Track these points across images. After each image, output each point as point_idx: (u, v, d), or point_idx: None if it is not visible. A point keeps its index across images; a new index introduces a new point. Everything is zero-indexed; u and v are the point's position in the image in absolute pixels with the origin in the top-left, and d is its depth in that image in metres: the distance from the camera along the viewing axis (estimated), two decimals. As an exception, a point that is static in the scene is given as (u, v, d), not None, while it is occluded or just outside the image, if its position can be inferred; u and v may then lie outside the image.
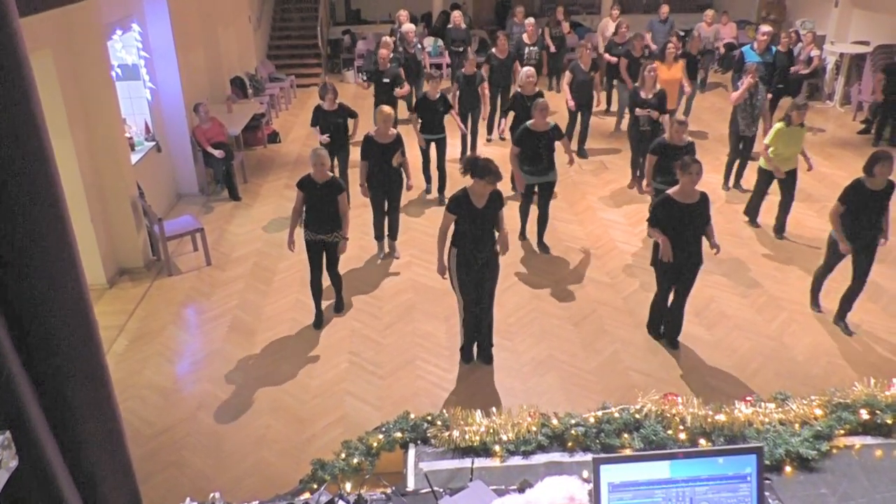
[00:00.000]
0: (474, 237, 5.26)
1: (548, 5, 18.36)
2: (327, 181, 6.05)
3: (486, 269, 5.42)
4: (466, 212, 5.20)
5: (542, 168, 7.13)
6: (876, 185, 5.64)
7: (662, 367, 5.69)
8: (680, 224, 5.37)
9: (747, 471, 1.90)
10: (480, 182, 5.10)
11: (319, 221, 6.12)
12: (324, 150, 6.16)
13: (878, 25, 12.55)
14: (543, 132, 7.01)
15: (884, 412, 2.93)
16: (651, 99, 8.45)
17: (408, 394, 5.50)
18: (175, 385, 5.72)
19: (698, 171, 5.29)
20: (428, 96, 8.50)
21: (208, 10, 10.54)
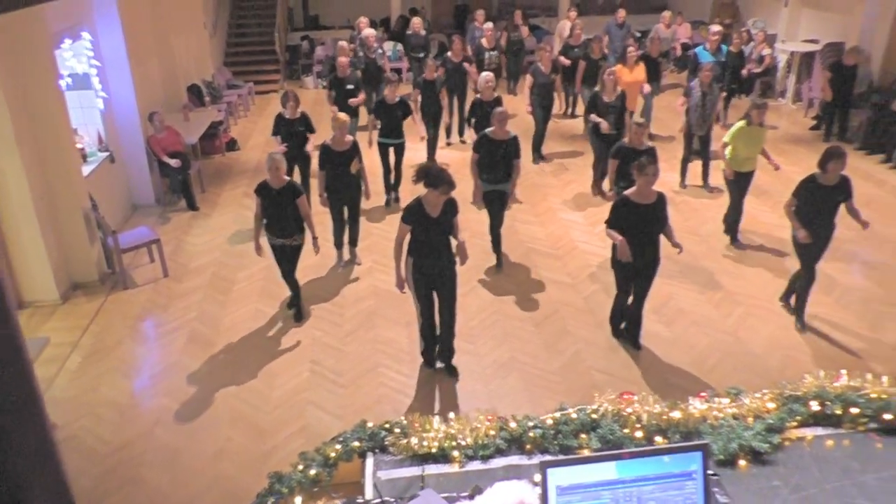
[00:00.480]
0: (430, 246, 5.20)
1: (506, 8, 18.49)
2: (284, 186, 6.04)
3: (442, 278, 5.35)
4: (421, 221, 5.13)
5: (498, 177, 6.98)
6: (829, 181, 5.69)
7: (623, 366, 5.74)
8: (637, 225, 5.36)
9: (693, 468, 1.92)
10: (434, 192, 5.03)
11: (279, 226, 6.15)
12: (279, 154, 6.14)
13: (826, 24, 12.87)
14: (502, 141, 6.87)
15: (833, 403, 2.98)
16: (614, 102, 8.44)
17: (370, 401, 5.46)
18: (131, 401, 5.59)
19: (654, 172, 5.30)
20: (386, 100, 8.40)
21: (162, 18, 10.36)
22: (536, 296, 6.84)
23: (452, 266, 5.39)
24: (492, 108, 8.17)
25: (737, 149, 7.24)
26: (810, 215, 5.79)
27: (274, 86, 14.86)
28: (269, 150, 9.92)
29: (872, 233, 7.87)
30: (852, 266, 7.21)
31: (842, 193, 5.76)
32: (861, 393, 2.99)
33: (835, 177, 5.69)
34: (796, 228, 5.82)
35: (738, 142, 7.21)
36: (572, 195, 9.18)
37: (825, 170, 5.67)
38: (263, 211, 6.14)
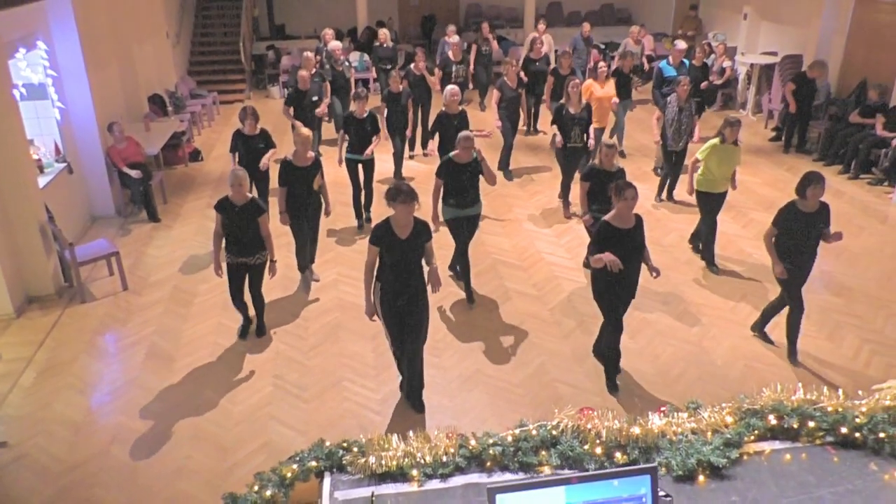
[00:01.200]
0: (398, 270, 4.93)
1: (473, 19, 18.58)
2: (246, 203, 5.91)
3: (412, 305, 5.04)
4: (389, 243, 4.89)
5: (468, 200, 6.65)
6: (809, 208, 5.45)
7: (588, 378, 5.75)
8: (620, 249, 5.04)
9: (642, 492, 1.91)
10: (396, 206, 4.82)
11: (241, 244, 6.00)
12: (242, 170, 5.99)
13: (784, 37, 13.16)
14: (467, 164, 6.56)
15: (790, 416, 3.00)
16: (579, 114, 8.34)
17: (334, 416, 5.39)
18: (87, 418, 5.44)
19: (633, 195, 5.08)
20: (355, 115, 8.17)
21: (122, 26, 10.19)
22: (502, 307, 6.84)
23: (423, 294, 5.10)
24: (457, 122, 8.17)
25: (709, 167, 7.02)
26: (792, 245, 5.54)
27: (239, 95, 14.72)
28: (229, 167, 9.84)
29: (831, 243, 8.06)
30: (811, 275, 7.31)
31: (823, 220, 5.52)
32: (817, 406, 3.02)
33: (815, 203, 5.46)
34: (774, 263, 5.57)
35: (710, 160, 6.99)
36: (538, 207, 9.21)
37: (804, 196, 5.43)
38: (224, 228, 5.96)
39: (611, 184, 5.38)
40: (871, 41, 11.21)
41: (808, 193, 5.41)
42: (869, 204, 9.18)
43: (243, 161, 7.70)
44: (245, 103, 14.34)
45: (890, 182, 9.54)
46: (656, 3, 18.08)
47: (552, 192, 9.46)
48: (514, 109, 9.74)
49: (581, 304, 6.85)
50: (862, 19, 11.39)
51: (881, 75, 10.79)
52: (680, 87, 8.49)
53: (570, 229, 8.47)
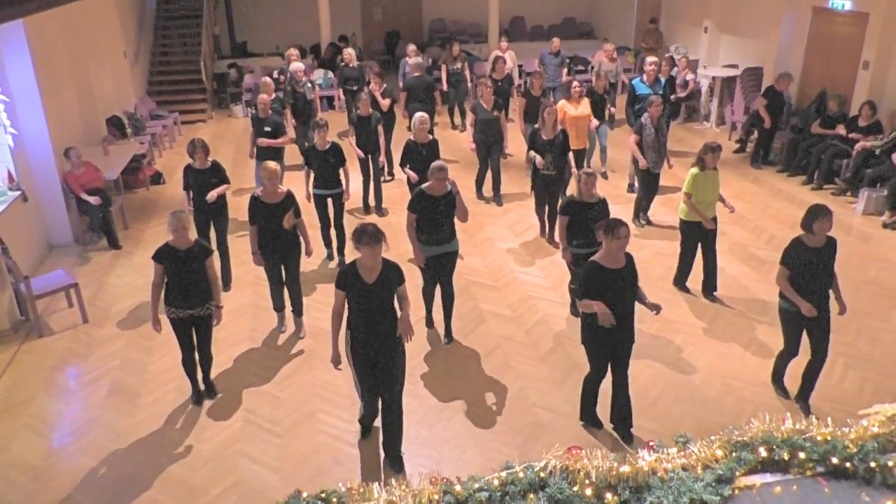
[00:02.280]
0: (366, 317, 4.61)
1: (436, 35, 18.59)
2: (190, 247, 5.40)
3: (384, 353, 4.72)
4: (355, 288, 4.58)
5: (442, 237, 6.18)
6: (816, 243, 5.10)
7: (567, 402, 5.65)
8: (610, 291, 4.74)
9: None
10: (361, 248, 4.51)
11: (186, 294, 5.39)
12: (183, 212, 5.45)
13: (744, 49, 13.38)
14: (441, 196, 6.10)
15: (780, 448, 2.95)
16: (552, 139, 7.96)
17: (308, 451, 5.21)
18: (46, 462, 5.19)
19: (627, 234, 4.75)
20: (317, 147, 7.65)
21: (77, 47, 9.92)
22: (477, 330, 6.73)
23: (396, 340, 4.74)
24: (426, 151, 7.85)
25: (699, 196, 6.78)
26: (803, 286, 5.13)
27: (201, 115, 14.46)
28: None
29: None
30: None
31: (831, 256, 5.16)
32: (807, 436, 2.97)
33: (822, 238, 5.09)
34: (800, 303, 5.06)
35: (696, 189, 6.76)
36: (510, 224, 9.14)
37: (811, 230, 5.06)
38: (166, 279, 5.40)
39: (591, 217, 5.13)
40: (829, 52, 11.44)
41: (815, 227, 5.03)
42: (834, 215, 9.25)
43: (197, 198, 7.24)
44: (206, 123, 14.19)
45: (852, 192, 9.68)
46: (617, 16, 18.32)
47: (525, 210, 9.40)
48: (490, 131, 9.36)
49: (557, 324, 6.78)
50: (819, 31, 11.62)
51: (839, 85, 11.00)
52: (652, 108, 8.30)
53: (544, 247, 8.40)
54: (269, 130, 8.96)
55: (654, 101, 8.33)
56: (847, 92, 10.84)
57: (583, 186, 6.23)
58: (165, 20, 15.65)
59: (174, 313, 5.45)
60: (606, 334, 4.81)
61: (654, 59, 10.53)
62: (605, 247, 4.81)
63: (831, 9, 11.10)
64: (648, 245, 8.37)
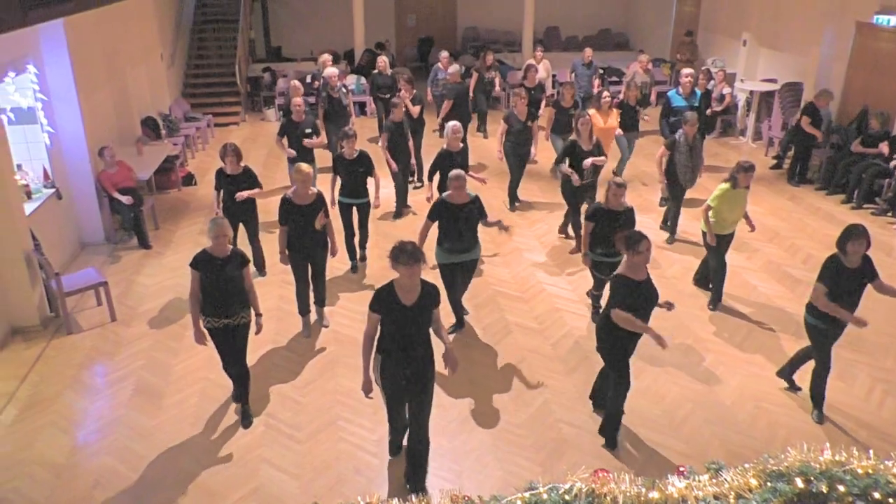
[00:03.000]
0: (403, 342, 4.38)
1: (470, 43, 18.57)
2: (228, 255, 5.24)
3: (417, 379, 4.50)
4: (392, 310, 4.33)
5: (464, 246, 6.19)
6: (852, 264, 5.10)
7: (592, 418, 5.53)
8: (636, 303, 4.74)
9: None
10: (399, 269, 4.26)
11: (224, 304, 5.24)
12: (224, 218, 5.40)
13: (783, 64, 13.12)
14: (461, 205, 6.10)
15: (819, 479, 2.81)
16: (591, 150, 7.87)
17: (329, 458, 5.16)
18: (70, 460, 5.20)
19: (648, 247, 4.71)
20: (345, 156, 7.51)
21: (115, 48, 10.05)
22: (503, 342, 6.63)
23: (431, 365, 4.56)
24: (460, 159, 7.78)
25: (721, 212, 6.73)
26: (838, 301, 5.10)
27: (234, 118, 14.58)
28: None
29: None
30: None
31: (865, 277, 5.16)
32: (847, 468, 2.83)
33: (857, 258, 5.09)
34: (847, 317, 5.06)
35: (722, 206, 6.70)
36: (539, 235, 9.03)
37: (844, 251, 5.08)
38: (203, 287, 5.22)
39: (617, 226, 5.09)
40: (872, 68, 11.15)
41: (848, 248, 5.03)
42: (874, 235, 8.84)
43: (227, 200, 7.29)
44: (239, 126, 14.31)
45: (894, 213, 9.41)
46: (654, 28, 18.12)
47: (554, 220, 9.29)
48: (522, 142, 9.24)
49: (584, 339, 6.66)
50: (862, 46, 11.34)
51: (882, 103, 10.71)
52: (687, 126, 8.07)
53: (572, 259, 8.29)
54: (309, 132, 8.84)
55: (689, 120, 8.11)
56: (890, 109, 10.55)
57: (611, 196, 6.22)
58: (202, 23, 15.83)
59: (210, 322, 5.28)
60: (630, 343, 4.92)
61: (690, 70, 10.36)
62: (629, 260, 4.78)
63: (876, 24, 10.83)
64: (680, 261, 8.20)
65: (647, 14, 18.55)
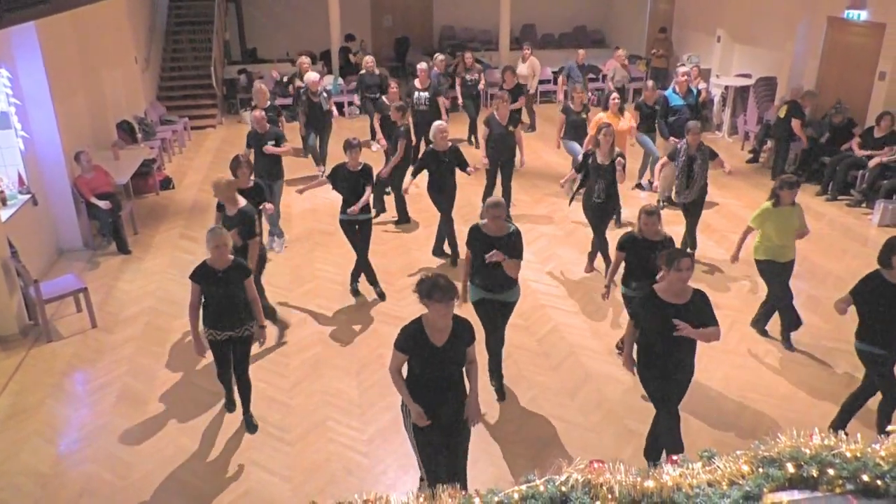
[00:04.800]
0: (433, 385, 3.98)
1: (447, 42, 18.58)
2: (229, 266, 5.05)
3: (452, 432, 4.09)
4: (421, 351, 3.91)
5: (496, 283, 5.41)
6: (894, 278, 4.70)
7: (581, 412, 5.58)
8: (667, 328, 4.26)
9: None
10: (431, 305, 3.81)
11: (225, 316, 5.09)
12: (222, 227, 5.24)
13: (757, 59, 13.30)
14: (498, 237, 5.37)
15: (809, 464, 2.85)
16: (609, 164, 7.30)
17: (319, 460, 5.14)
18: (55, 469, 5.12)
19: (689, 266, 4.26)
20: (348, 167, 7.05)
21: (89, 51, 9.91)
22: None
23: (463, 411, 4.13)
24: (448, 159, 7.66)
25: (768, 236, 6.07)
26: (881, 323, 4.74)
27: (211, 121, 14.46)
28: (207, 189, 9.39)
29: (815, 266, 8.03)
30: (798, 301, 7.25)
31: None
32: (836, 452, 2.88)
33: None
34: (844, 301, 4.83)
35: (766, 227, 6.07)
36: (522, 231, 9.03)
37: (889, 265, 4.69)
38: (205, 300, 5.08)
39: (656, 257, 4.65)
40: (844, 62, 11.35)
41: (894, 261, 4.66)
42: (850, 226, 9.20)
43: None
44: (216, 129, 14.19)
45: (868, 203, 9.58)
46: (629, 25, 18.28)
47: (537, 217, 9.34)
48: (502, 148, 8.78)
49: (570, 333, 6.71)
50: (834, 41, 11.54)
51: (853, 95, 10.91)
52: (690, 135, 7.56)
53: (555, 256, 8.33)
54: (274, 144, 8.38)
55: (692, 129, 7.62)
56: (862, 102, 10.74)
57: (643, 225, 5.43)
58: (176, 26, 15.68)
59: (213, 335, 5.15)
60: (666, 374, 4.45)
61: (685, 69, 10.39)
62: (666, 278, 4.38)
63: (847, 19, 11.02)
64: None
65: (623, 11, 18.70)
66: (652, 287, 4.49)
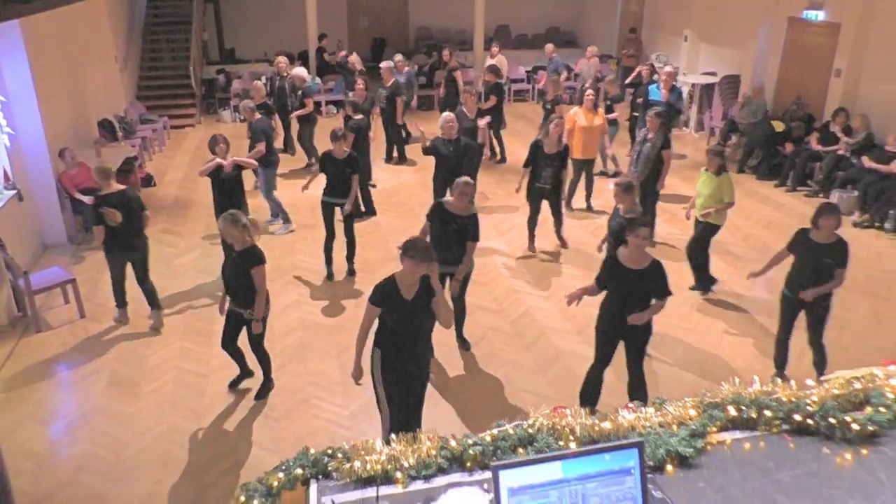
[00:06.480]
0: (404, 337, 4.42)
1: (423, 42, 18.88)
2: (245, 250, 5.44)
3: (417, 378, 4.64)
4: (393, 305, 4.33)
5: (449, 258, 5.78)
6: (820, 238, 5.41)
7: (551, 386, 5.91)
8: (625, 288, 4.87)
9: (631, 464, 2.08)
10: (407, 262, 4.26)
11: (233, 294, 5.55)
12: (235, 212, 5.51)
13: (722, 58, 13.79)
14: (457, 216, 5.80)
15: (749, 407, 3.19)
16: (555, 154, 7.73)
17: (304, 433, 5.41)
18: (50, 449, 5.34)
19: (646, 234, 4.80)
20: (334, 154, 7.51)
21: (71, 50, 10.07)
22: (465, 322, 6.94)
23: (427, 365, 4.73)
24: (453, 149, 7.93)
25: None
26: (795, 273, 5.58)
27: (190, 120, 14.61)
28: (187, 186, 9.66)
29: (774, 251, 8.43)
30: (757, 283, 7.65)
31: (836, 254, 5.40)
32: (773, 397, 3.22)
33: (827, 234, 5.40)
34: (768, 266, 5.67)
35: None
36: (495, 224, 9.39)
37: (817, 226, 5.41)
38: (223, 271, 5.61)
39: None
40: (803, 61, 11.86)
41: (820, 223, 5.35)
42: (808, 215, 8.97)
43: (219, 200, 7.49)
44: (195, 128, 14.34)
45: (825, 194, 10.05)
46: (600, 25, 18.72)
47: (508, 209, 9.67)
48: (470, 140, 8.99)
49: (541, 316, 7.04)
50: (794, 41, 12.04)
51: (812, 93, 11.40)
52: (649, 119, 8.15)
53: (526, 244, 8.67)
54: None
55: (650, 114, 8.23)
56: (819, 99, 11.24)
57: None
58: (155, 25, 15.82)
59: (229, 305, 5.64)
60: (614, 327, 5.04)
61: (670, 69, 10.86)
62: (629, 244, 4.89)
63: (805, 19, 11.51)
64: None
65: (594, 12, 19.16)
66: (615, 253, 5.02)
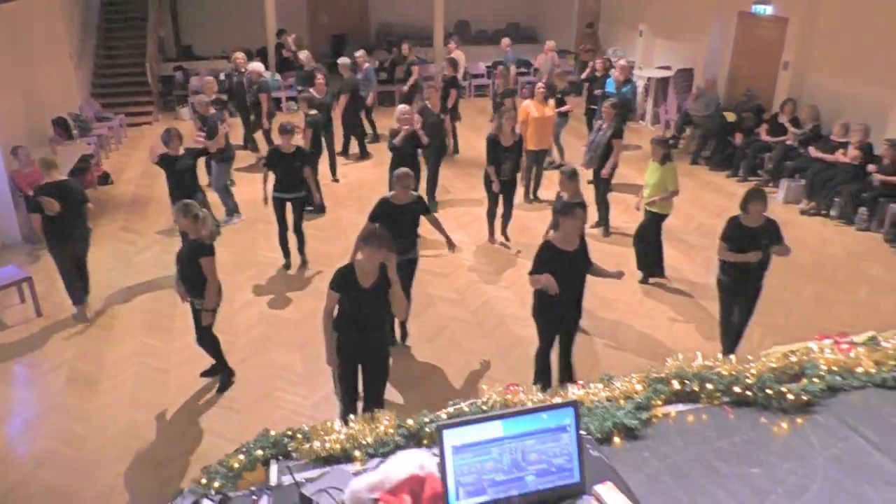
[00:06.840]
0: (359, 322, 4.57)
1: (384, 38, 18.89)
2: (196, 240, 5.47)
3: (371, 364, 4.75)
4: (350, 291, 4.48)
5: (404, 246, 5.88)
6: (750, 222, 5.62)
7: (511, 373, 6.04)
8: (561, 272, 4.91)
9: (567, 422, 2.22)
10: (365, 250, 4.41)
11: (186, 282, 5.58)
12: (188, 202, 5.58)
13: (676, 52, 14.09)
14: (405, 205, 6.04)
15: (691, 381, 3.35)
16: (512, 146, 7.90)
17: (267, 424, 5.26)
18: (7, 445, 5.31)
19: (582, 216, 5.04)
20: (281, 149, 7.62)
21: (22, 47, 9.90)
22: (426, 313, 7.06)
23: (383, 352, 4.80)
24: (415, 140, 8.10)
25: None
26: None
27: (147, 118, 14.41)
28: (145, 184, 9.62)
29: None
30: (710, 268, 7.90)
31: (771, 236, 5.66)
32: (714, 371, 3.39)
33: (757, 218, 5.61)
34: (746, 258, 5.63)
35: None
36: (457, 216, 9.50)
37: (746, 210, 5.61)
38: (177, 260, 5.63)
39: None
40: (752, 54, 12.20)
41: (750, 209, 5.57)
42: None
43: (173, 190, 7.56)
44: (153, 125, 14.17)
45: (774, 183, 10.39)
46: (558, 21, 18.95)
47: (472, 202, 9.77)
48: (435, 135, 9.04)
49: (501, 305, 7.18)
50: (744, 35, 12.38)
51: (761, 85, 11.75)
52: (605, 110, 8.47)
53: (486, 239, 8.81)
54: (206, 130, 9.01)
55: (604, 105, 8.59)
56: (768, 91, 11.59)
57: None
58: (110, 22, 15.56)
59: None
60: (554, 310, 5.15)
61: (624, 63, 11.09)
62: (562, 227, 5.01)
63: (754, 14, 11.85)
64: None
65: (553, 8, 19.37)
66: (546, 239, 5.18)
